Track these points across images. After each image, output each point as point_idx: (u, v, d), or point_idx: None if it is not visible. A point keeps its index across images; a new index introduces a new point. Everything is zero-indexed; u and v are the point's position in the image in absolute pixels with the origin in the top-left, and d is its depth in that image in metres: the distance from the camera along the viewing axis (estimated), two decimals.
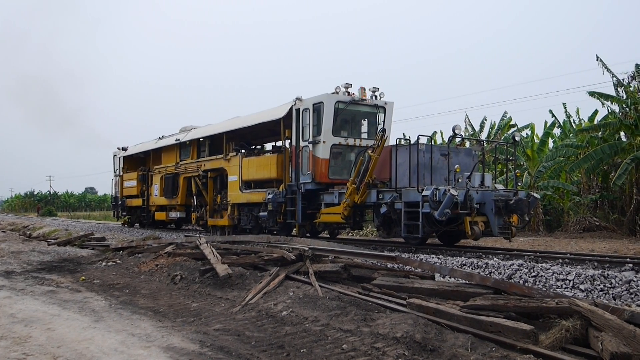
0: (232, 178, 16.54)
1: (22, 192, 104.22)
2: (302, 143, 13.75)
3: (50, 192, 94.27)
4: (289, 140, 14.40)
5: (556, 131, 23.97)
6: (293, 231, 14.44)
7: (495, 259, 9.50)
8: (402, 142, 11.94)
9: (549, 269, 7.81)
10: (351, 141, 13.82)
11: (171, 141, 20.44)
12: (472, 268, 8.73)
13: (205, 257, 9.24)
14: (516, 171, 14.28)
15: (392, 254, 9.01)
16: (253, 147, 17.17)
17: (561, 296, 5.44)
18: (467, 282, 6.53)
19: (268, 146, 18.61)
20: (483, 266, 8.66)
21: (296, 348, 4.96)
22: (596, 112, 22.06)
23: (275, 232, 14.70)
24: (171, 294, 7.94)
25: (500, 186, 12.36)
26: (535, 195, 11.03)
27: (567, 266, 8.62)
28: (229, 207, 16.61)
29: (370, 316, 5.70)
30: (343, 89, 13.55)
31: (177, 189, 20.00)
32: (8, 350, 4.92)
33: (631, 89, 18.18)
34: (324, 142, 13.25)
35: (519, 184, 15.80)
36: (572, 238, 16.58)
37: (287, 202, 13.88)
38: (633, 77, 18.19)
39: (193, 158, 19.34)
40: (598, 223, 18.29)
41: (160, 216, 21.28)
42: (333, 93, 13.38)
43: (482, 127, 27.14)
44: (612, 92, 18.77)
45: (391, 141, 12.64)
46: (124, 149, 24.62)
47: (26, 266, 11.37)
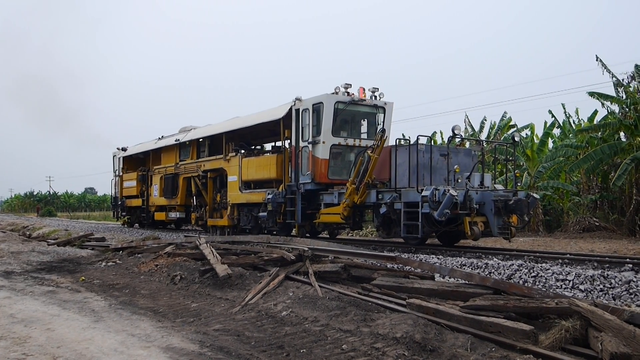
0: (232, 178, 16.55)
1: (22, 193, 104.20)
2: (302, 143, 13.75)
3: (50, 193, 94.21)
4: (289, 140, 14.40)
5: (556, 131, 23.99)
6: (293, 231, 14.44)
7: (494, 259, 9.49)
8: (402, 143, 11.95)
9: (549, 269, 7.81)
10: (351, 141, 13.82)
11: (171, 141, 20.45)
12: (472, 268, 8.73)
13: (205, 258, 9.24)
14: (516, 171, 14.26)
15: (392, 254, 9.00)
16: (253, 148, 17.18)
17: (561, 296, 5.44)
18: (467, 283, 6.54)
19: (268, 146, 18.64)
20: (483, 266, 8.66)
21: (296, 348, 4.96)
22: (596, 113, 22.12)
23: (274, 232, 14.70)
24: (171, 294, 7.94)
25: (499, 186, 12.35)
26: (534, 195, 11.03)
27: (567, 266, 8.62)
28: (229, 207, 16.61)
29: (370, 316, 5.70)
30: (343, 89, 13.55)
31: (177, 189, 20.00)
32: (8, 350, 4.92)
33: (631, 89, 18.19)
34: (324, 143, 13.26)
35: (519, 184, 15.82)
36: (572, 238, 16.59)
37: (287, 203, 13.89)
38: (633, 78, 18.19)
39: (193, 158, 19.34)
40: (598, 223, 18.29)
41: (159, 216, 21.28)
42: (333, 93, 13.38)
43: (482, 128, 27.18)
44: (612, 93, 18.80)
45: (391, 141, 12.65)
46: (124, 149, 24.61)
47: (26, 266, 11.36)
